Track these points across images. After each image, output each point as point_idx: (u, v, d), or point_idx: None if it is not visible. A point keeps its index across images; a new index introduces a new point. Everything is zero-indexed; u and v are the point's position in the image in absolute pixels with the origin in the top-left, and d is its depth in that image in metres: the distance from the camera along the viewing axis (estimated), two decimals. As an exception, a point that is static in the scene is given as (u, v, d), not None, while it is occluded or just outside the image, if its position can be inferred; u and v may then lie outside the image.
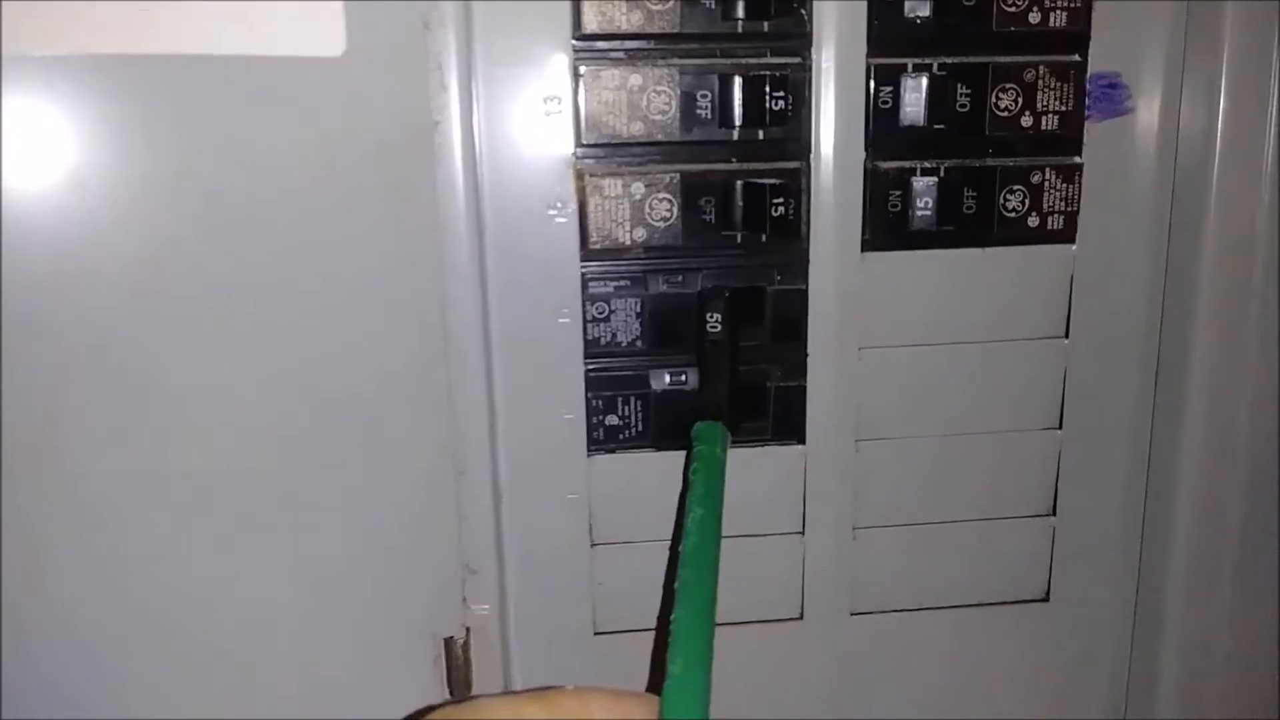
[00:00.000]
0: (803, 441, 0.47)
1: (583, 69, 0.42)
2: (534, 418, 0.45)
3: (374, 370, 0.43)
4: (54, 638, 0.43)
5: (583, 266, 0.44)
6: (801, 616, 0.49)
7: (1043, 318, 0.47)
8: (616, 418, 0.46)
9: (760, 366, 0.46)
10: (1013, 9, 0.44)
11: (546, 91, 0.42)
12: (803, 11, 0.43)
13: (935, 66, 0.44)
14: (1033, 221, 0.46)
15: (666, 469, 0.46)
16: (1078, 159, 0.46)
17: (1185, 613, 0.49)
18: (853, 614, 0.49)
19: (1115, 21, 0.45)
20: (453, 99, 0.41)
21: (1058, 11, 0.44)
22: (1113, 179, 0.46)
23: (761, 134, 0.44)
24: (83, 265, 0.40)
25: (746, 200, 0.44)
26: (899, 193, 0.45)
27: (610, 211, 0.44)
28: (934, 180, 0.45)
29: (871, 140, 0.44)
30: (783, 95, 0.43)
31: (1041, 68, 0.45)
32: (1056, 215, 0.46)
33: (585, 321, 0.45)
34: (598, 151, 0.43)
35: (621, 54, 0.43)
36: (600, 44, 0.42)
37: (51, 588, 0.42)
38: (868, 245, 0.45)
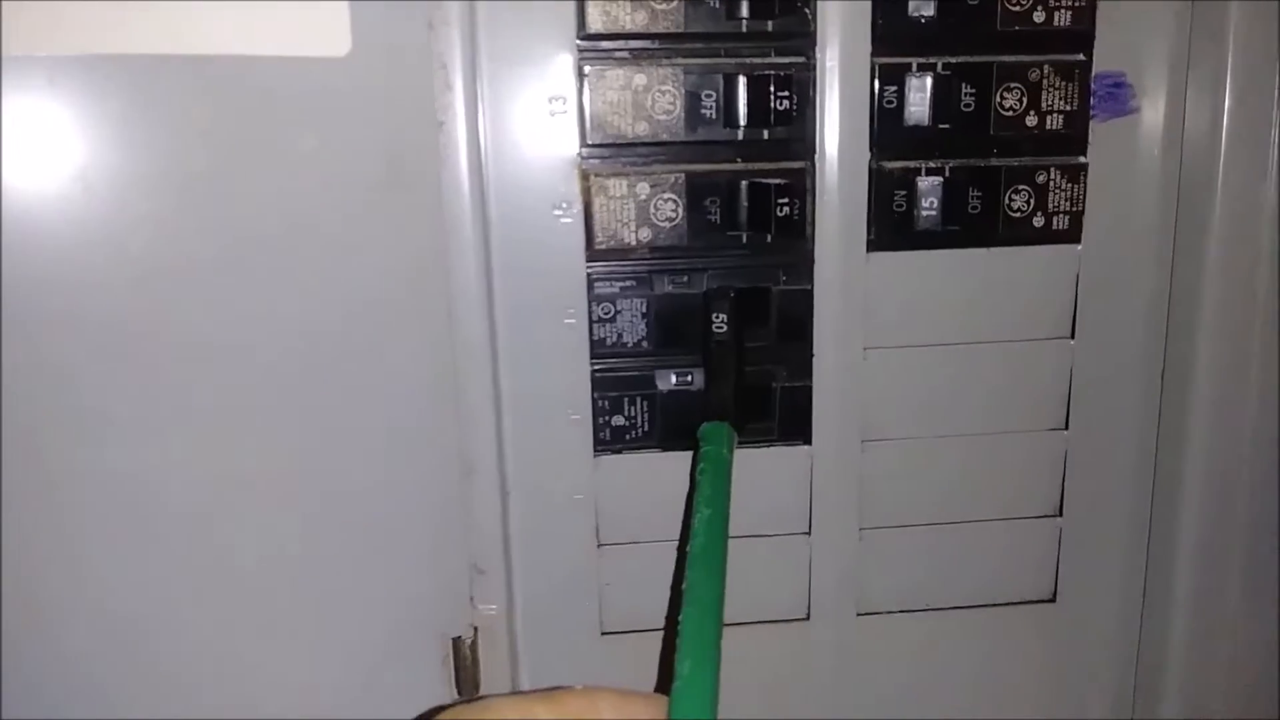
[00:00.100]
0: (808, 442, 0.47)
1: (587, 69, 0.42)
2: (540, 418, 0.45)
3: (381, 370, 0.43)
4: (59, 636, 0.43)
5: (588, 267, 0.44)
6: (808, 617, 0.49)
7: (1048, 318, 0.47)
8: (622, 418, 0.45)
9: (766, 367, 0.46)
10: (1017, 8, 0.44)
11: (551, 91, 0.42)
12: (807, 11, 0.43)
13: (940, 66, 0.44)
14: (1038, 221, 0.46)
15: (672, 469, 0.46)
16: (1083, 159, 0.46)
17: (1192, 613, 0.49)
18: (859, 614, 0.49)
19: (1120, 21, 0.45)
20: (457, 99, 0.41)
21: (1062, 11, 0.44)
22: (1118, 179, 0.46)
23: (766, 134, 0.44)
24: (88, 264, 0.40)
25: (751, 200, 0.44)
26: (904, 193, 0.45)
27: (615, 212, 0.44)
28: (939, 180, 0.45)
29: (876, 140, 0.44)
30: (787, 95, 0.43)
31: (1046, 67, 0.44)
32: (1062, 215, 0.46)
33: (591, 322, 0.44)
34: (603, 151, 0.43)
35: (626, 54, 0.43)
36: (605, 44, 0.42)
37: (59, 587, 0.42)
38: (873, 245, 0.45)
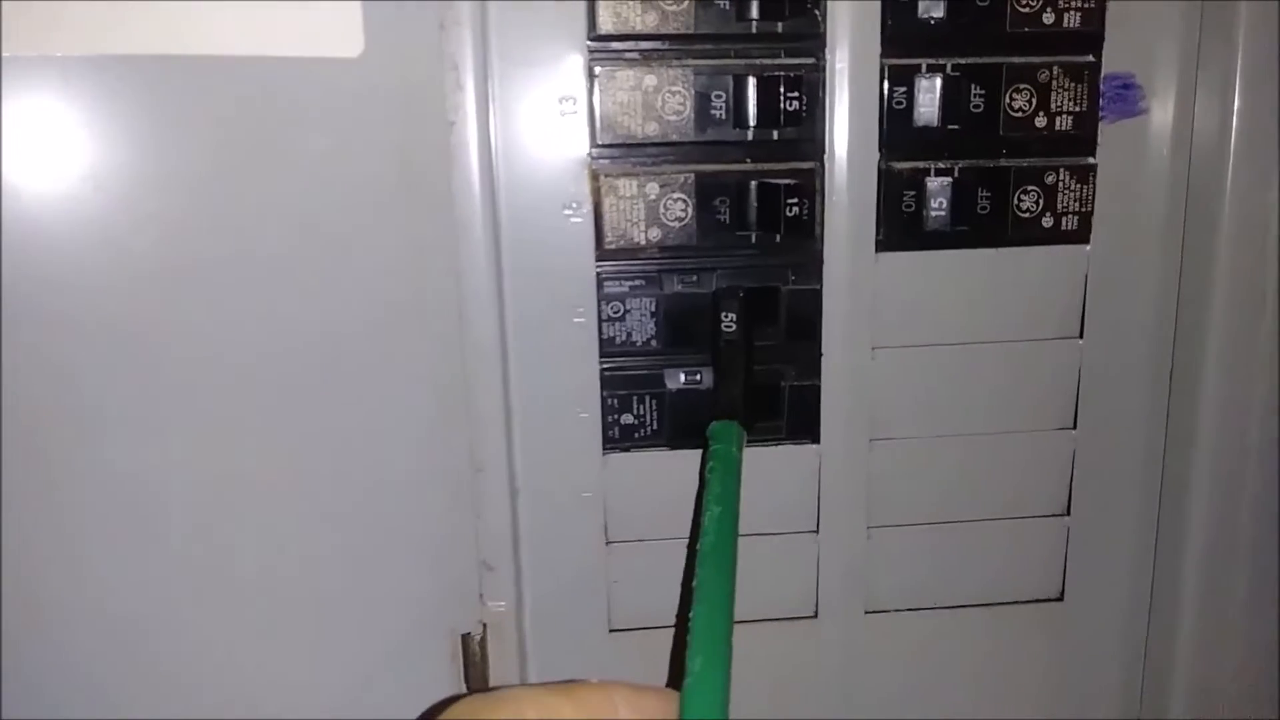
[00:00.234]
0: (817, 441, 0.47)
1: (598, 69, 0.43)
2: (550, 416, 0.45)
3: (390, 369, 0.43)
4: (59, 636, 0.43)
5: (598, 266, 0.44)
6: (816, 615, 0.49)
7: (1057, 318, 0.47)
8: (631, 417, 0.46)
9: (774, 366, 0.46)
10: (1026, 10, 0.44)
11: (562, 92, 0.43)
12: (816, 12, 0.43)
13: (949, 67, 0.44)
14: (1047, 222, 0.46)
15: (680, 468, 0.46)
16: (1092, 159, 0.46)
17: (1200, 612, 0.49)
18: (867, 612, 0.49)
19: (1129, 22, 0.45)
20: (468, 99, 0.41)
21: (1071, 12, 0.44)
22: (1127, 179, 0.46)
23: (776, 134, 0.44)
24: (95, 264, 0.40)
25: (761, 200, 0.44)
26: (913, 193, 0.45)
27: (625, 211, 0.44)
28: (948, 181, 0.45)
29: (886, 141, 0.44)
30: (797, 96, 0.43)
31: (1055, 68, 0.45)
32: (1071, 216, 0.46)
33: (600, 321, 0.45)
34: (613, 152, 0.44)
35: (636, 54, 0.43)
36: (615, 44, 0.43)
37: (59, 587, 0.43)
38: (882, 245, 0.45)
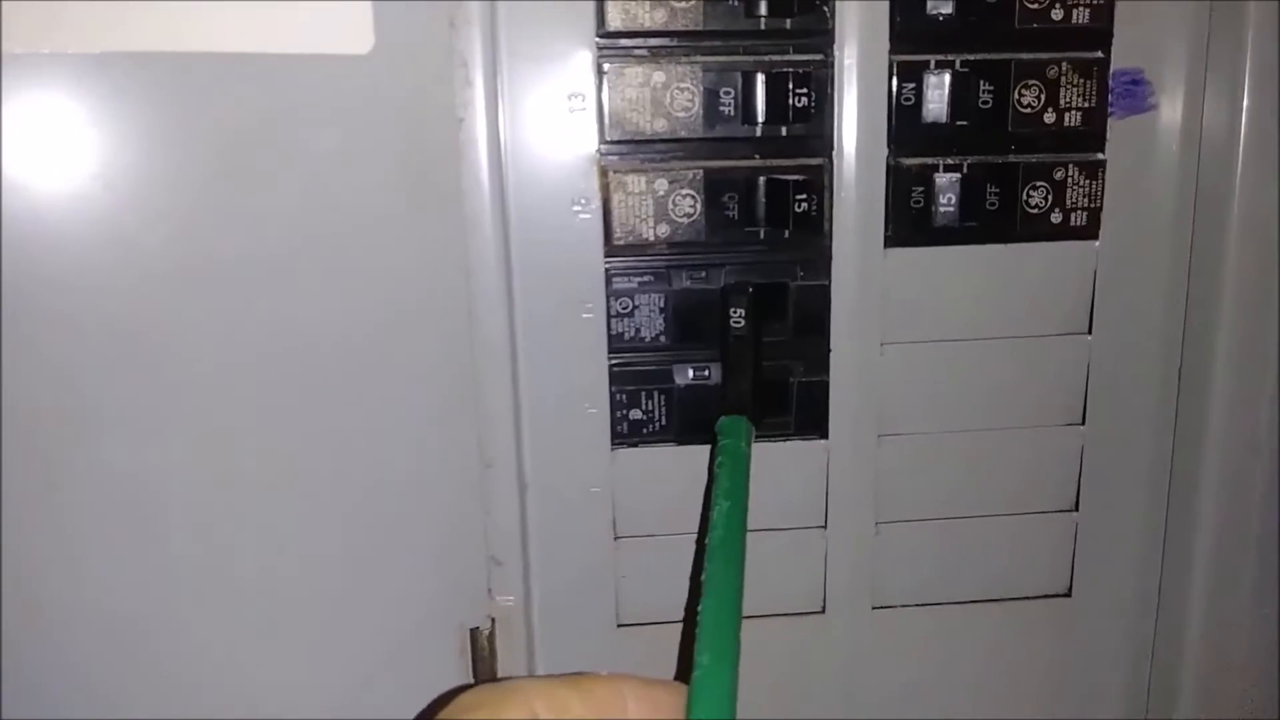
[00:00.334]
0: (825, 436, 0.47)
1: (606, 66, 0.43)
2: (558, 412, 0.45)
3: (400, 365, 0.43)
4: (59, 636, 0.43)
5: (606, 262, 0.44)
6: (824, 610, 0.49)
7: (1066, 314, 0.47)
8: (640, 412, 0.46)
9: (783, 362, 0.46)
10: (1035, 6, 0.44)
11: (570, 88, 0.43)
12: (825, 8, 0.43)
13: (958, 63, 0.44)
14: (1056, 218, 0.46)
15: (689, 464, 0.46)
16: (1100, 155, 0.46)
17: (1207, 608, 0.49)
18: (874, 608, 0.49)
19: (1138, 18, 0.45)
20: (478, 96, 0.41)
21: (1080, 8, 0.44)
22: (1136, 175, 0.46)
23: (784, 130, 0.44)
24: (104, 263, 0.40)
25: (769, 196, 0.44)
26: (922, 189, 0.45)
27: (634, 207, 0.44)
28: (957, 177, 0.45)
29: (894, 137, 0.44)
30: (805, 92, 0.43)
31: (1064, 64, 0.44)
32: (1079, 211, 0.46)
33: (609, 316, 0.45)
34: (621, 148, 0.44)
35: (645, 51, 0.43)
36: (624, 41, 0.43)
37: (59, 587, 0.43)
38: (890, 241, 0.45)
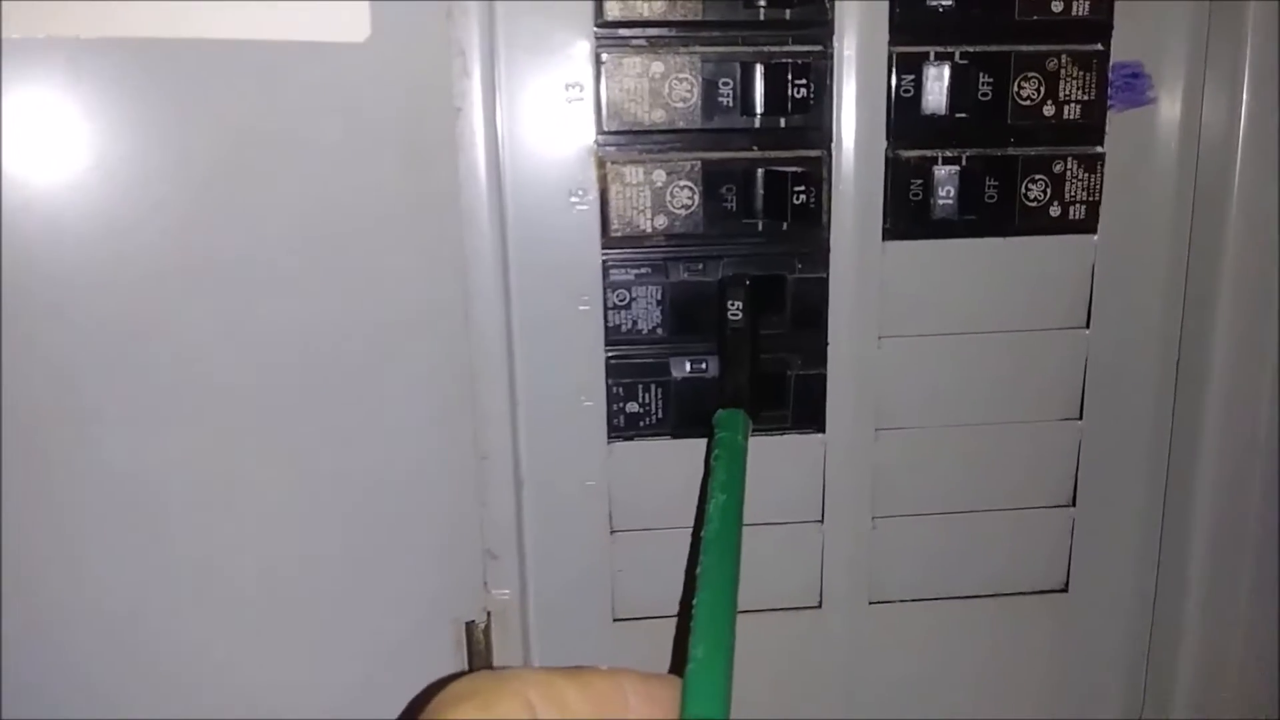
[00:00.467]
0: (822, 430, 0.47)
1: (604, 56, 0.42)
2: (555, 404, 0.45)
3: (395, 357, 0.43)
4: (60, 636, 0.43)
5: (604, 254, 0.44)
6: (820, 605, 0.49)
7: (1064, 308, 0.47)
8: (637, 405, 0.46)
9: (781, 355, 0.46)
10: (1035, -2, 0.44)
11: (568, 79, 0.43)
12: (825, 0, 0.43)
13: (957, 55, 0.44)
14: (1054, 211, 0.46)
15: (685, 457, 0.46)
16: (1100, 149, 0.46)
17: (1204, 603, 0.49)
18: (871, 603, 0.49)
19: (1138, 11, 0.45)
20: (475, 86, 0.41)
21: (1080, 1, 0.44)
22: (1135, 169, 0.46)
23: (783, 122, 0.44)
24: (106, 252, 0.40)
25: (768, 188, 0.44)
26: (920, 181, 0.45)
27: (631, 199, 0.44)
28: (955, 169, 0.45)
29: (893, 129, 0.44)
30: (804, 83, 0.43)
31: (1064, 57, 0.44)
32: (1078, 205, 0.46)
33: (606, 309, 0.45)
34: (619, 139, 0.43)
35: (643, 41, 0.43)
36: (622, 31, 0.42)
37: (59, 587, 0.43)
38: (889, 234, 0.45)
